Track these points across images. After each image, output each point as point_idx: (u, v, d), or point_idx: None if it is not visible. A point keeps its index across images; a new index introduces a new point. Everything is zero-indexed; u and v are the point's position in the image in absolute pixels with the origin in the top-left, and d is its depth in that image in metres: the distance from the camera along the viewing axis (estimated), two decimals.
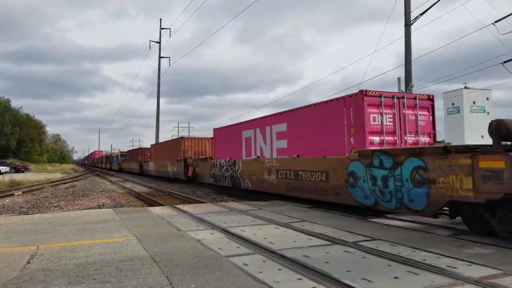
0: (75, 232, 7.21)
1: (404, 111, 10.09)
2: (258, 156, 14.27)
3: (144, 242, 6.23)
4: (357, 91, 10.01)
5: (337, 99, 10.42)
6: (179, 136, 27.16)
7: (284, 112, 13.02)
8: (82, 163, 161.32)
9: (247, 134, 15.66)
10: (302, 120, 11.95)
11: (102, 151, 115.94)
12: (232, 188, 16.67)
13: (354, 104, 9.85)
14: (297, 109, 12.35)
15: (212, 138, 25.07)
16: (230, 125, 18.17)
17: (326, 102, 11.14)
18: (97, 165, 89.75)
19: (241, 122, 16.58)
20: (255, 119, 15.28)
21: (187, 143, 25.66)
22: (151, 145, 37.45)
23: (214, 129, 19.72)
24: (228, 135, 17.68)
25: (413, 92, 14.39)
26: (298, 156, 11.84)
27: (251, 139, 15.23)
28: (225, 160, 17.08)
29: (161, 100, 42.41)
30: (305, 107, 11.93)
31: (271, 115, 13.92)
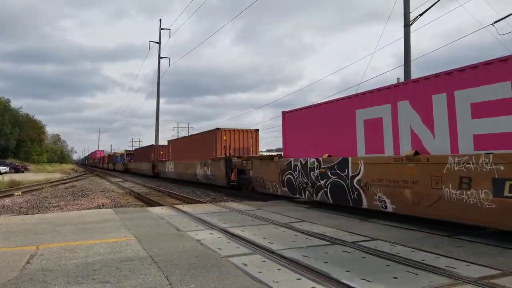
0: (75, 232, 7.21)
1: None
2: (416, 152, 7.77)
3: (144, 242, 6.24)
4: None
5: None
6: (215, 128, 19.57)
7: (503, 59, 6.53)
8: (82, 163, 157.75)
9: (370, 115, 9.29)
10: None
11: (103, 150, 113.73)
12: (340, 207, 10.20)
13: None
14: None
15: (254, 130, 19.65)
16: (323, 103, 11.42)
17: None
18: (98, 165, 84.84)
19: (353, 95, 10.10)
20: (395, 85, 8.96)
21: (224, 137, 18.83)
22: (169, 141, 30.57)
23: (284, 113, 13.15)
24: (316, 120, 11.36)
25: None
26: None
27: (381, 123, 8.91)
28: (316, 159, 10.77)
29: (161, 100, 42.44)
30: None
31: (448, 72, 7.44)
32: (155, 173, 32.22)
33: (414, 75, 15.62)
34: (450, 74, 7.42)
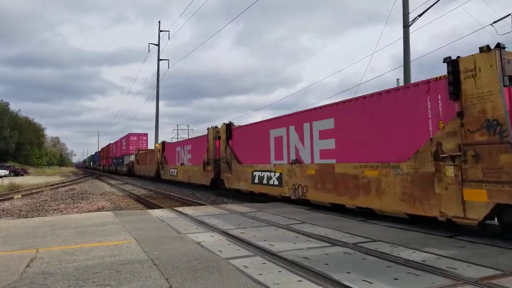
0: (75, 235, 7.20)
1: None
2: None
3: (144, 245, 6.22)
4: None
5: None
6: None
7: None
8: (84, 165, 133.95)
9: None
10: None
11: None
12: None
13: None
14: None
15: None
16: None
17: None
18: (118, 168, 52.11)
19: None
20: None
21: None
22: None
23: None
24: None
25: None
26: None
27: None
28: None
29: (160, 103, 42.59)
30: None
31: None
32: None
33: (413, 76, 15.67)
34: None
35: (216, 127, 18.91)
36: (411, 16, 15.64)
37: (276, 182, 13.07)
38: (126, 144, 51.36)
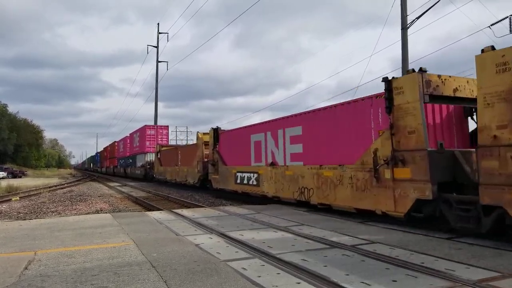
0: (73, 237, 7.18)
1: None
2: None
3: (142, 247, 6.21)
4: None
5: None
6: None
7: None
8: (83, 167, 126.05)
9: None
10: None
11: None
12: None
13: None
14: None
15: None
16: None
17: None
18: (129, 170, 42.19)
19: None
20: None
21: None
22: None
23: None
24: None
25: None
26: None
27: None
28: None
29: (159, 104, 42.54)
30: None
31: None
32: None
33: None
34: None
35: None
36: (410, 19, 15.71)
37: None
38: (140, 139, 39.03)
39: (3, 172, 45.81)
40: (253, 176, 14.44)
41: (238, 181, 15.66)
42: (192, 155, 22.27)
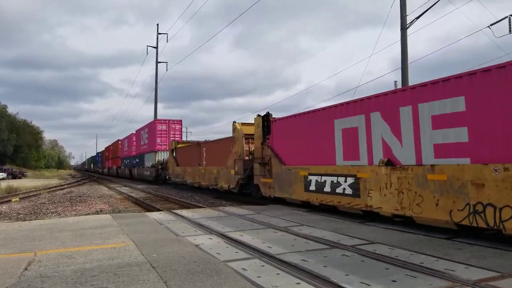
0: (73, 238, 7.18)
1: None
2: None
3: (142, 248, 6.21)
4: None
5: None
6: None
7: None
8: (83, 168, 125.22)
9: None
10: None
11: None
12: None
13: None
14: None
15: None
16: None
17: None
18: (135, 172, 38.07)
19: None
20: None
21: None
22: None
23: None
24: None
25: None
26: None
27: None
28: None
29: (158, 105, 42.46)
30: None
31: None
32: None
33: (411, 78, 15.69)
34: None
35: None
36: (409, 19, 15.71)
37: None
38: (149, 136, 34.05)
39: (2, 173, 45.75)
40: (345, 182, 9.74)
41: (313, 187, 11.02)
42: (225, 152, 17.50)
